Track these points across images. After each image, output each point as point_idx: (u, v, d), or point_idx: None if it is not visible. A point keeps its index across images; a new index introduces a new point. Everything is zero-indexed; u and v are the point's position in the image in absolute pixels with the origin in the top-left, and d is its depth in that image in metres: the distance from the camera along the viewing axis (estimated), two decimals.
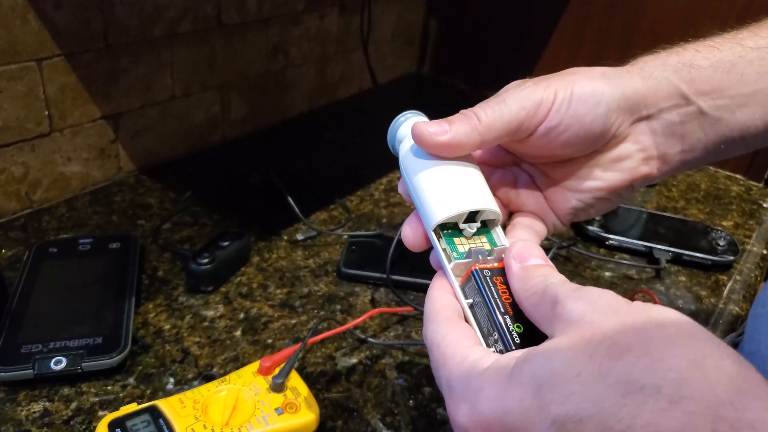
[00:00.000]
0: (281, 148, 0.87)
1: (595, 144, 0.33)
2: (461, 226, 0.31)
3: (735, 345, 0.50)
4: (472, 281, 0.29)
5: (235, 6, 0.80)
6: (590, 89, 0.32)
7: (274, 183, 0.72)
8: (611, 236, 0.70)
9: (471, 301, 0.29)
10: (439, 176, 0.31)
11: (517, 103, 0.31)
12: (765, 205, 0.84)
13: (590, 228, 0.71)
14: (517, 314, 0.28)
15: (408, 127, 0.34)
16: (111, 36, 0.67)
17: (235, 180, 0.77)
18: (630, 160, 0.34)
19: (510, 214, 0.37)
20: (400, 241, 0.46)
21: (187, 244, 0.64)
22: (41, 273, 0.55)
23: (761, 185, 0.89)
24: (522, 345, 0.26)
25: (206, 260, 0.56)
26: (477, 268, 0.29)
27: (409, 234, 0.33)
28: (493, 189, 0.35)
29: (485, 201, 0.31)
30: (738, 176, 0.91)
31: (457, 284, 0.30)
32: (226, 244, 0.59)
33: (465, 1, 1.12)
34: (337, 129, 0.93)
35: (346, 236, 0.67)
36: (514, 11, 1.06)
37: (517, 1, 1.05)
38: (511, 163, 0.37)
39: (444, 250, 0.31)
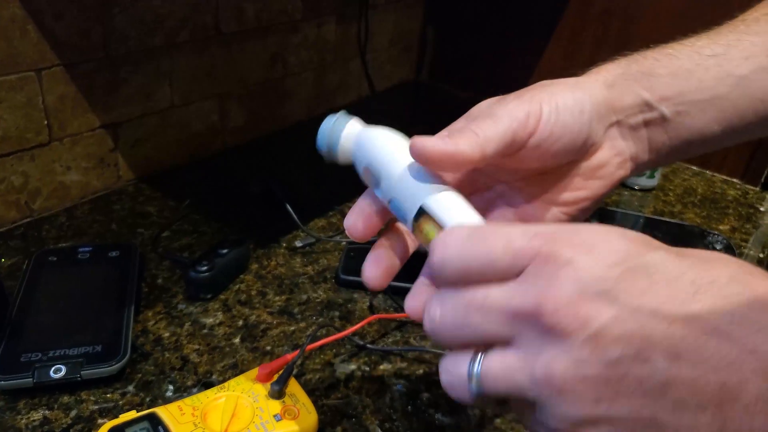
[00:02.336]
0: (280, 156, 0.88)
1: (579, 153, 0.33)
2: None
3: None
4: None
5: (234, 15, 0.80)
6: (572, 99, 0.32)
7: (272, 191, 0.72)
8: None
9: None
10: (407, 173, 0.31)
11: (508, 115, 0.31)
12: (762, 208, 0.84)
13: None
14: None
15: (350, 130, 0.35)
16: (110, 46, 0.68)
17: (234, 188, 0.77)
18: (609, 166, 0.34)
19: None
20: None
21: (186, 252, 0.64)
22: (41, 282, 0.55)
23: (758, 189, 0.89)
24: None
25: (205, 268, 0.56)
26: None
27: (359, 222, 0.33)
28: None
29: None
30: (734, 180, 0.91)
31: None
32: (225, 251, 0.59)
33: (462, 8, 1.13)
34: None
35: (344, 243, 0.67)
36: (511, 18, 1.07)
37: (513, 8, 1.06)
38: (483, 187, 0.37)
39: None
